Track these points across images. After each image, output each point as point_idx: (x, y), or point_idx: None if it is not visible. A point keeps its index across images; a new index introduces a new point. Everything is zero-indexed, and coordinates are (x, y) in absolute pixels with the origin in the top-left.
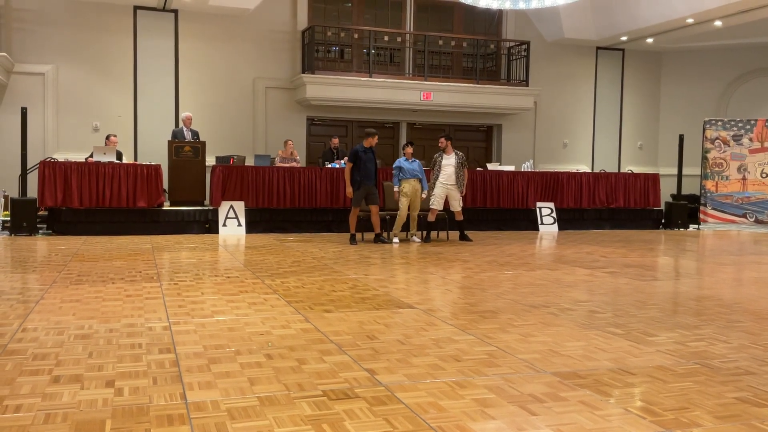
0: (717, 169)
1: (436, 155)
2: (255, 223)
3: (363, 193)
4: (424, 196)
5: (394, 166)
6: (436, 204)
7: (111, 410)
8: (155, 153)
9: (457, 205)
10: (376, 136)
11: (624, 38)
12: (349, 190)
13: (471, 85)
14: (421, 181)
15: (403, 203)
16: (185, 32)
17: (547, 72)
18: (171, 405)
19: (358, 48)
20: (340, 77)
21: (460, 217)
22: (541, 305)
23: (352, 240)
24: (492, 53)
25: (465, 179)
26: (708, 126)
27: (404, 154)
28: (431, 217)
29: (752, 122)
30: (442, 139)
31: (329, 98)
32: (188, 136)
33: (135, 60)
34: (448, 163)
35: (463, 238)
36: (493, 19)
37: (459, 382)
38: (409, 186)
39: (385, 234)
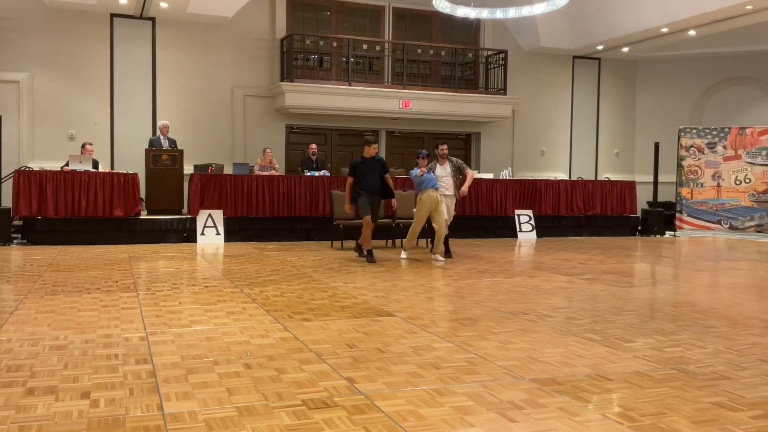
0: (692, 176)
1: (429, 165)
2: (234, 232)
3: (368, 201)
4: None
5: (411, 174)
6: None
7: (86, 422)
8: (132, 161)
9: (449, 216)
10: (375, 145)
11: (600, 47)
12: (347, 205)
13: (449, 93)
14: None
15: (419, 214)
16: (163, 40)
17: (524, 80)
18: (147, 416)
19: (337, 56)
20: (319, 85)
21: (445, 231)
22: (520, 312)
23: (370, 257)
24: (470, 62)
25: (469, 180)
26: (683, 134)
27: (418, 165)
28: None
29: (726, 130)
30: (443, 147)
31: (308, 106)
32: (165, 144)
33: (112, 68)
34: (443, 173)
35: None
36: (471, 28)
37: (438, 390)
38: (426, 196)
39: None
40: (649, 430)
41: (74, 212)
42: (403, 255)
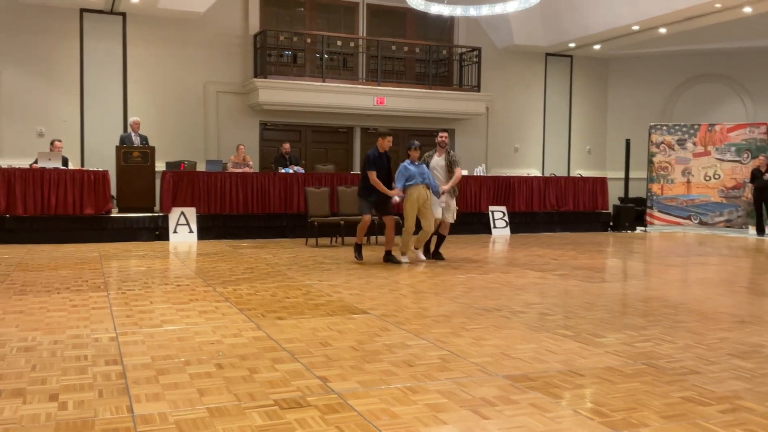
0: (662, 172)
1: (427, 154)
2: (207, 230)
3: (374, 201)
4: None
5: (399, 168)
6: (438, 213)
7: (54, 425)
8: (103, 159)
9: (450, 217)
10: (389, 138)
11: (572, 45)
12: (394, 190)
13: (424, 90)
14: (429, 187)
15: (409, 211)
16: (134, 36)
17: (498, 78)
18: (117, 418)
19: (311, 52)
20: (293, 82)
21: (445, 232)
22: (494, 309)
23: (358, 252)
24: (444, 59)
25: (454, 179)
26: (653, 131)
27: (409, 156)
28: (443, 231)
29: (696, 127)
30: (444, 135)
31: (282, 103)
32: (136, 141)
33: (81, 64)
34: (438, 164)
35: (436, 254)
36: (445, 25)
37: (412, 388)
38: (416, 192)
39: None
40: (620, 425)
41: (43, 210)
42: (405, 259)
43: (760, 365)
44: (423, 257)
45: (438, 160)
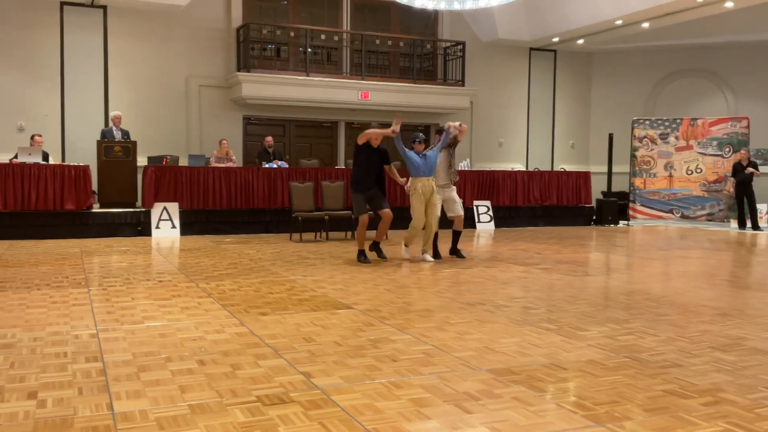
0: (645, 166)
1: (425, 150)
2: (190, 225)
3: (364, 199)
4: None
5: (409, 154)
6: (458, 210)
7: (33, 423)
8: (84, 153)
9: (458, 209)
10: (379, 132)
11: (556, 39)
12: (402, 180)
13: (408, 84)
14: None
15: (416, 205)
16: (115, 29)
17: (482, 72)
18: (97, 416)
19: (294, 46)
20: (277, 76)
21: (459, 227)
22: (477, 303)
23: (363, 257)
24: (428, 53)
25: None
26: (636, 125)
27: (414, 149)
28: (457, 226)
29: (678, 121)
30: (451, 124)
31: (266, 97)
32: (118, 135)
33: (62, 57)
34: (442, 159)
35: (455, 251)
36: (429, 19)
37: (395, 383)
38: (420, 184)
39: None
40: (603, 418)
41: (24, 206)
42: (405, 253)
43: (742, 358)
44: (430, 258)
45: (443, 154)
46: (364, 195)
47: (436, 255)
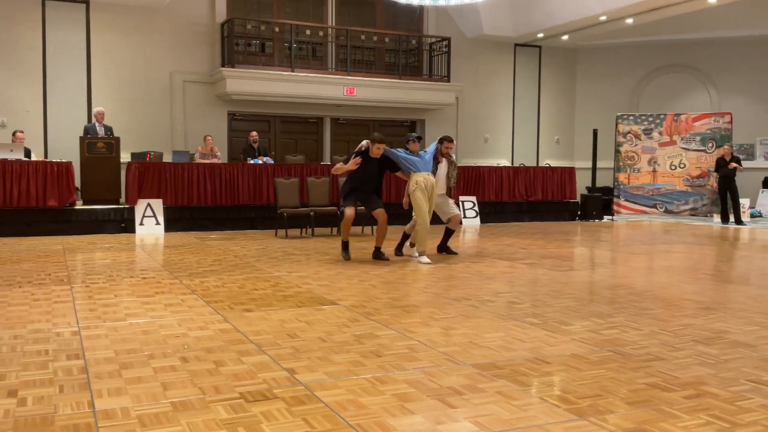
0: (629, 162)
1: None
2: (174, 222)
3: (355, 196)
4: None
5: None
6: (455, 210)
7: (13, 422)
8: (66, 150)
9: (455, 209)
10: (378, 146)
11: (540, 35)
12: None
13: (393, 80)
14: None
15: (420, 203)
16: (98, 24)
17: (468, 68)
18: (78, 414)
19: (279, 42)
20: (262, 71)
21: (455, 226)
22: (463, 298)
23: (345, 251)
24: (414, 49)
25: (455, 179)
26: (620, 120)
27: (408, 148)
28: (453, 225)
29: (662, 116)
30: (449, 146)
31: (250, 93)
32: (101, 131)
33: (44, 53)
34: (440, 172)
35: (445, 248)
36: (415, 14)
37: (379, 378)
38: (422, 178)
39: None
40: (586, 412)
41: (6, 203)
42: (425, 260)
43: (724, 351)
44: (427, 261)
45: (440, 166)
46: (357, 195)
47: (398, 251)
